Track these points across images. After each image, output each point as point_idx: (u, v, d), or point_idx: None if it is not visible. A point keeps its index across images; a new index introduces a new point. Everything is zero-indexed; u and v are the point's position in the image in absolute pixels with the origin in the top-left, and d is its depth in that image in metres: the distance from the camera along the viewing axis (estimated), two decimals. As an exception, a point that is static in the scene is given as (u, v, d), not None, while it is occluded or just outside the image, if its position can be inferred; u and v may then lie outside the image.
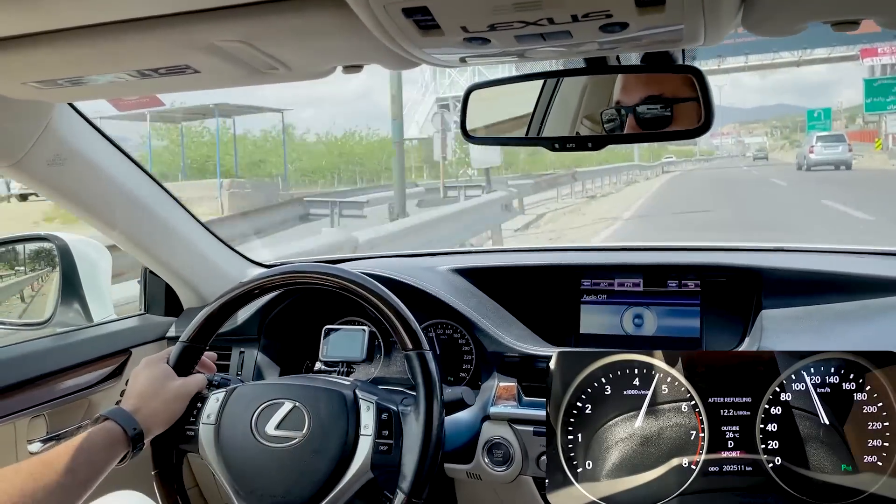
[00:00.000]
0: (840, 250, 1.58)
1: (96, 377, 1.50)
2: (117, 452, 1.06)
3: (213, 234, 1.69)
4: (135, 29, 0.82)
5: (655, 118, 1.02)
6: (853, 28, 0.76)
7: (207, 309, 1.22)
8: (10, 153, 1.21)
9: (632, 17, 0.71)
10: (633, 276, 1.52)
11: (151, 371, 1.16)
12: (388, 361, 1.56)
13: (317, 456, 1.11)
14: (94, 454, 1.03)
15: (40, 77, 0.98)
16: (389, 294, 1.16)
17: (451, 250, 1.90)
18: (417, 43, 0.79)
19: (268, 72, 0.95)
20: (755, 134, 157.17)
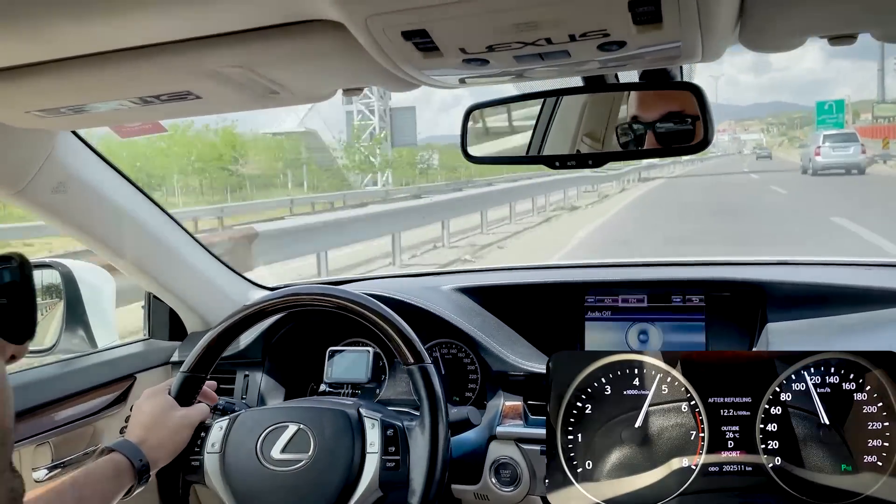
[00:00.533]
0: (844, 262, 1.58)
1: (101, 403, 1.50)
2: (124, 484, 1.05)
3: (215, 257, 1.69)
4: (136, 57, 0.83)
5: (675, 133, 1.02)
6: (850, 42, 0.77)
7: (207, 337, 1.21)
8: (14, 181, 1.21)
9: (629, 35, 0.71)
10: (637, 293, 1.51)
11: (154, 402, 1.15)
12: (393, 382, 1.56)
13: (324, 476, 1.10)
14: (102, 486, 1.02)
15: (43, 106, 0.99)
16: (388, 310, 1.16)
17: (454, 269, 1.90)
18: (417, 65, 0.79)
19: (269, 96, 0.96)
20: (751, 131, 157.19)
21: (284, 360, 1.60)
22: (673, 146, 1.03)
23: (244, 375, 1.57)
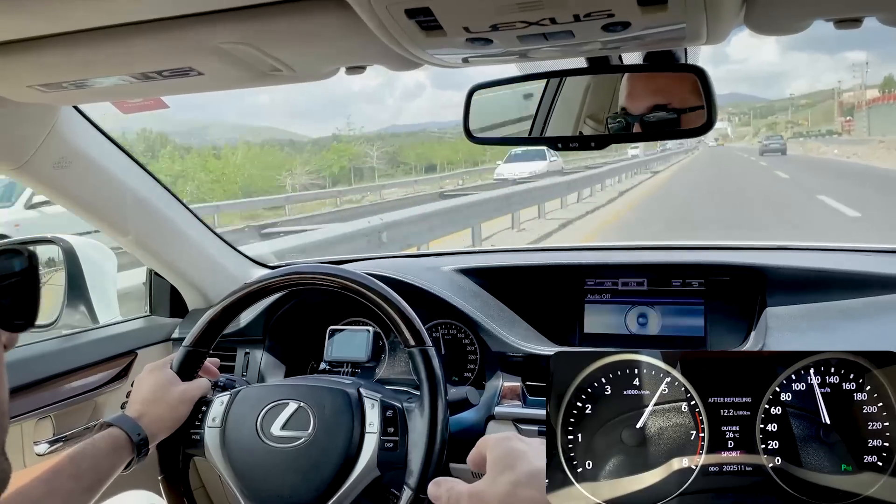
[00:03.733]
0: (844, 248, 1.58)
1: (102, 379, 1.51)
2: (122, 459, 1.06)
3: (217, 236, 1.70)
4: (139, 32, 0.83)
5: (662, 122, 1.02)
6: (856, 26, 0.76)
7: (210, 313, 1.22)
8: (16, 156, 1.21)
9: (634, 16, 0.71)
10: (637, 276, 1.52)
11: (154, 377, 1.16)
12: (392, 362, 1.56)
13: (323, 455, 1.11)
14: (100, 460, 1.03)
15: (45, 80, 0.98)
16: (390, 292, 1.16)
17: (455, 250, 1.90)
18: (420, 44, 0.79)
19: (271, 73, 0.96)
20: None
21: (285, 338, 1.61)
22: (675, 129, 1.03)
23: (245, 353, 1.58)
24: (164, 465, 1.17)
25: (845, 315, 1.29)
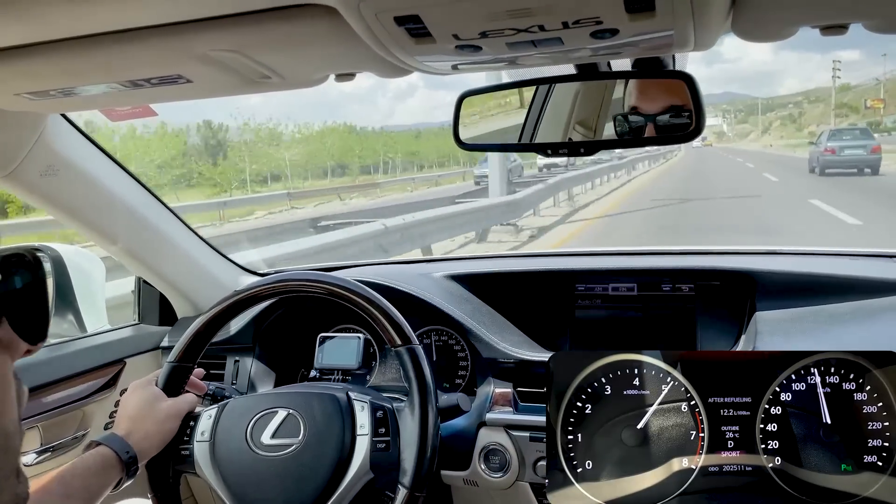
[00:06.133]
0: (832, 252, 1.59)
1: (90, 388, 1.49)
2: (112, 478, 1.05)
3: (206, 243, 1.69)
4: (127, 39, 0.82)
5: (675, 126, 1.02)
6: (842, 32, 0.77)
7: (195, 324, 1.21)
8: (3, 165, 1.20)
9: (622, 23, 0.71)
10: (628, 281, 1.52)
11: (140, 394, 1.15)
12: (383, 369, 1.56)
13: (315, 460, 1.10)
14: (90, 480, 1.02)
15: (33, 88, 0.98)
16: (376, 295, 1.16)
17: (445, 257, 1.90)
18: (409, 51, 0.79)
19: (260, 81, 0.95)
20: (707, 115, 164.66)
21: (275, 345, 1.60)
22: (666, 135, 1.03)
23: (234, 361, 1.57)
24: (154, 484, 1.16)
25: (834, 319, 1.30)
